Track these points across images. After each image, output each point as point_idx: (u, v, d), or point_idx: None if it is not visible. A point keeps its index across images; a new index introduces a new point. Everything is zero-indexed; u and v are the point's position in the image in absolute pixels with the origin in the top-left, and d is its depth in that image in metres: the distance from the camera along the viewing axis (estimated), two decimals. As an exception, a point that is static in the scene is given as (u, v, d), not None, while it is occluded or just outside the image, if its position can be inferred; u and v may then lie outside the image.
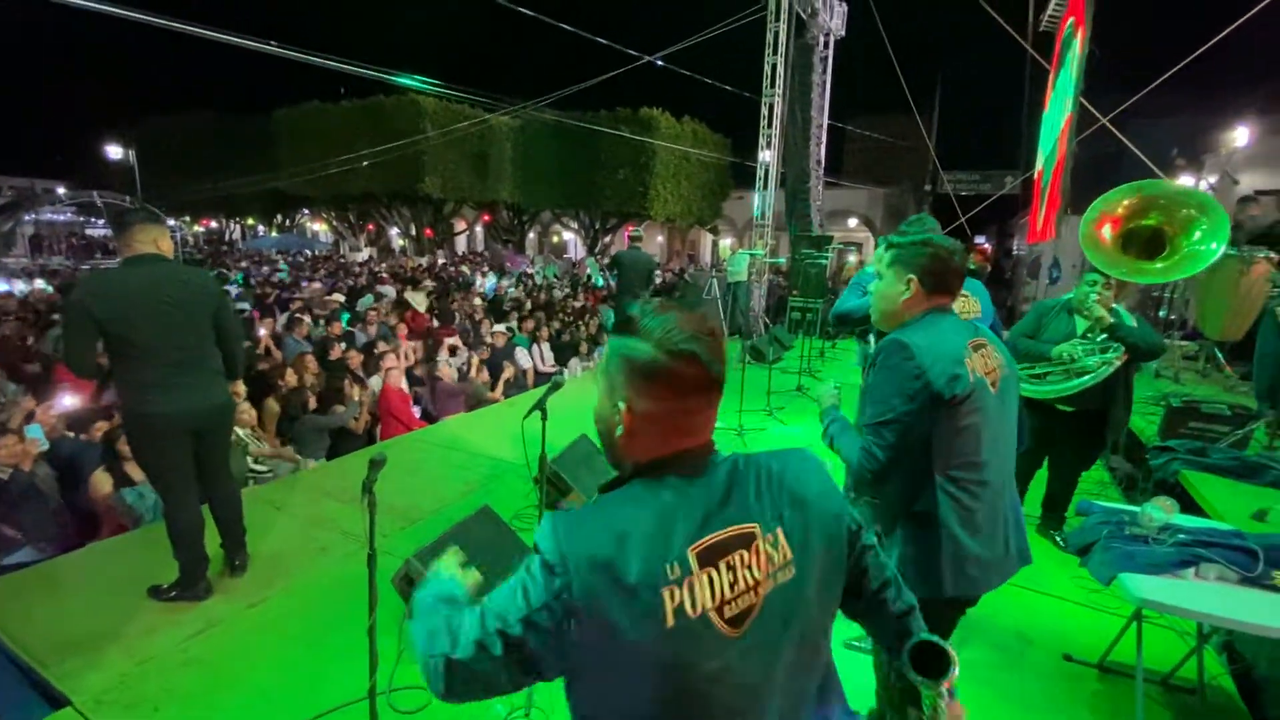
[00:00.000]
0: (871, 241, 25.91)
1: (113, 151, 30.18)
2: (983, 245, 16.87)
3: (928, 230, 3.10)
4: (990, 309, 3.32)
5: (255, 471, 4.34)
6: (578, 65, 13.35)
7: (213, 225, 39.42)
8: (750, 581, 0.90)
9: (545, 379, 7.57)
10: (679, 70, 12.64)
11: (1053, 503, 3.71)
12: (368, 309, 9.12)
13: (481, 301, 11.47)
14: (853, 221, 29.14)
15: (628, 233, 8.21)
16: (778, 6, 11.02)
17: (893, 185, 28.77)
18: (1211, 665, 2.64)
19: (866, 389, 1.77)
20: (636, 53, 12.12)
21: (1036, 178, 8.97)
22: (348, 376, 5.64)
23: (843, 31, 13.48)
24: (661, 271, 20.41)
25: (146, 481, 3.64)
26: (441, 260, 24.12)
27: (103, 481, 3.62)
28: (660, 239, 33.59)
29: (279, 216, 35.94)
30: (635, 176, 23.04)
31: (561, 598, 0.83)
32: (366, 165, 21.72)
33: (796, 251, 11.89)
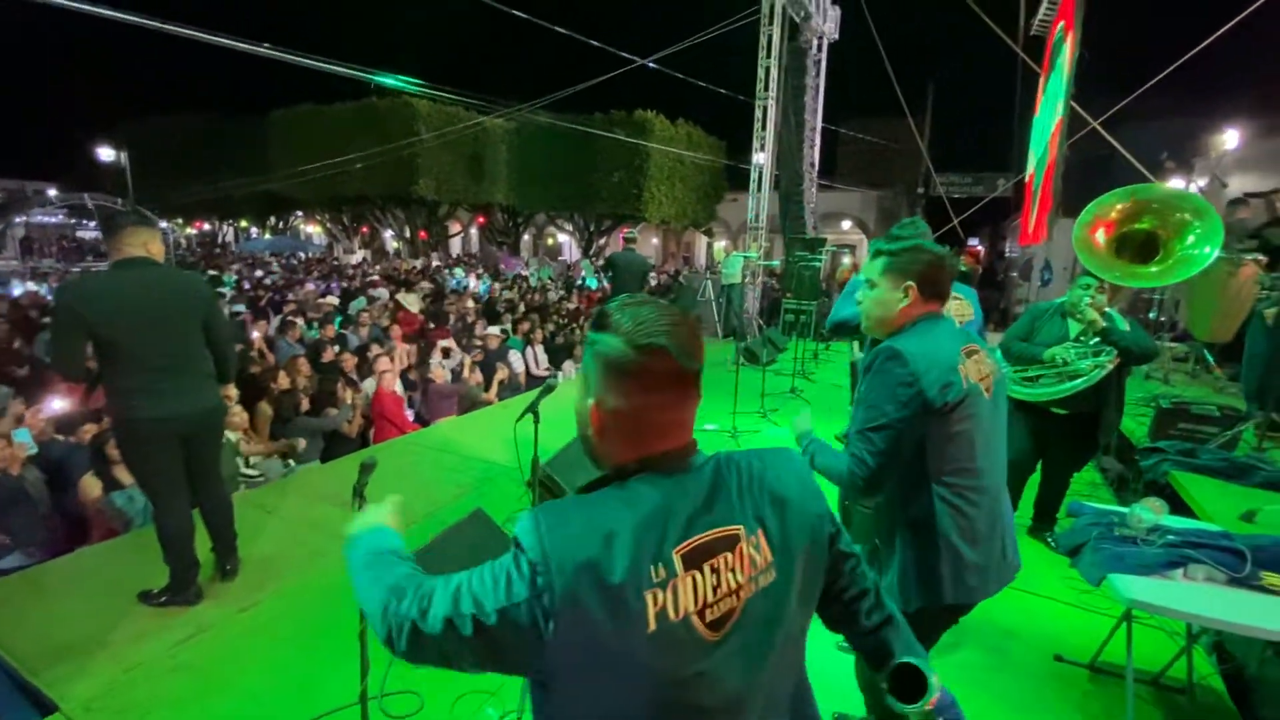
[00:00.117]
0: (865, 244, 26.02)
1: (104, 153, 29.97)
2: (974, 247, 16.96)
3: (920, 234, 3.12)
4: (979, 312, 3.34)
5: (246, 475, 4.32)
6: (572, 68, 13.38)
7: (206, 228, 39.23)
8: (732, 585, 0.88)
9: (539, 381, 7.56)
10: (673, 73, 12.69)
11: (1044, 504, 3.72)
12: (359, 311, 9.10)
13: (475, 304, 11.46)
14: (846, 224, 29.22)
15: (622, 235, 8.22)
16: (771, 10, 11.07)
17: (886, 188, 28.85)
18: (1201, 665, 2.66)
19: (858, 395, 1.75)
20: (631, 55, 12.16)
21: (1028, 180, 9.01)
22: (340, 379, 5.62)
23: (836, 35, 13.55)
24: (656, 274, 20.44)
25: (136, 484, 3.62)
26: (435, 263, 24.08)
27: (92, 485, 3.60)
28: (655, 241, 33.62)
29: (272, 219, 35.82)
30: (630, 179, 23.05)
31: (541, 598, 0.80)
32: (360, 167, 21.68)
33: (790, 254, 11.92)
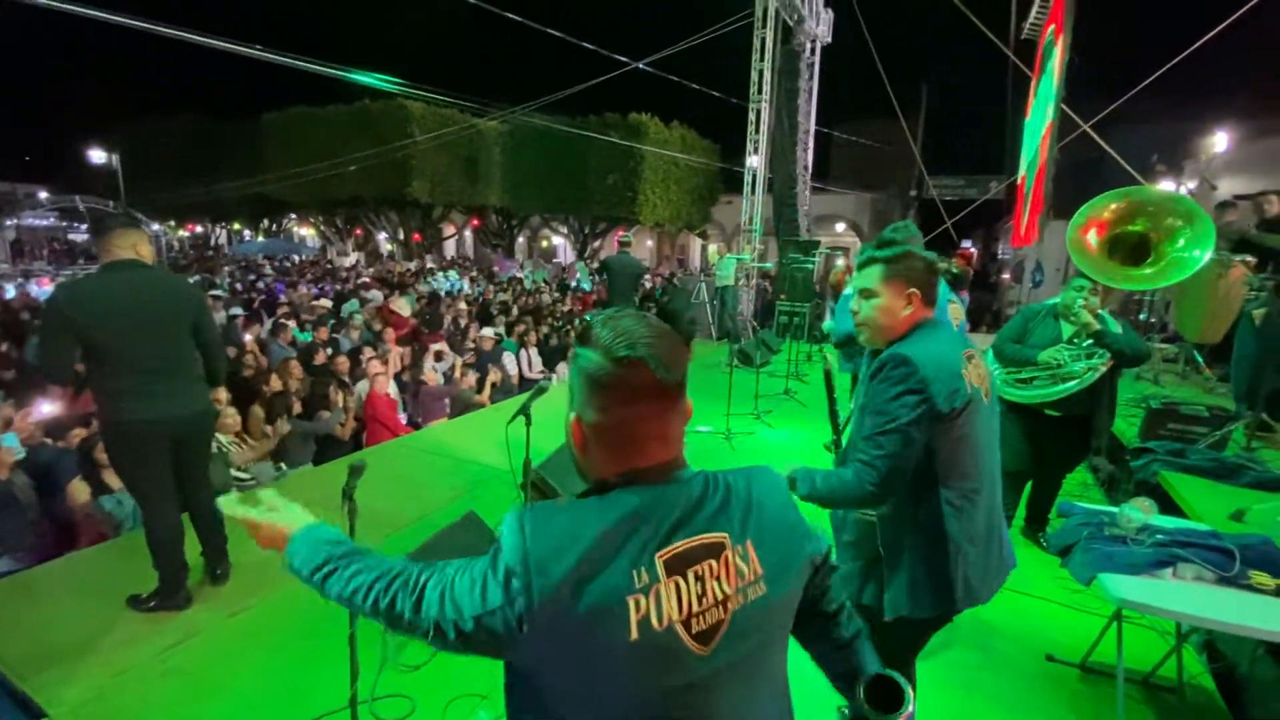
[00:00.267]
0: (858, 246, 26.06)
1: (96, 155, 29.84)
2: (967, 250, 17.05)
3: (911, 238, 3.13)
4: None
5: (238, 479, 4.30)
6: (566, 70, 13.40)
7: (198, 230, 39.05)
8: (719, 595, 0.85)
9: (533, 384, 7.56)
10: (667, 76, 12.71)
11: (1036, 505, 3.74)
12: (351, 314, 9.07)
13: (468, 306, 11.42)
14: (840, 226, 29.32)
15: (617, 238, 8.24)
16: (764, 13, 11.11)
17: (879, 190, 28.97)
18: (1191, 664, 2.67)
19: (864, 403, 1.71)
20: (625, 58, 12.19)
21: (1020, 183, 9.07)
22: (333, 382, 5.60)
23: (829, 38, 13.60)
24: (651, 276, 20.44)
25: (125, 489, 3.59)
26: (421, 266, 23.96)
27: (80, 490, 3.57)
28: (650, 244, 33.63)
29: (266, 221, 35.68)
30: (624, 181, 23.06)
31: (517, 603, 0.78)
32: (354, 169, 21.64)
33: (784, 256, 11.96)
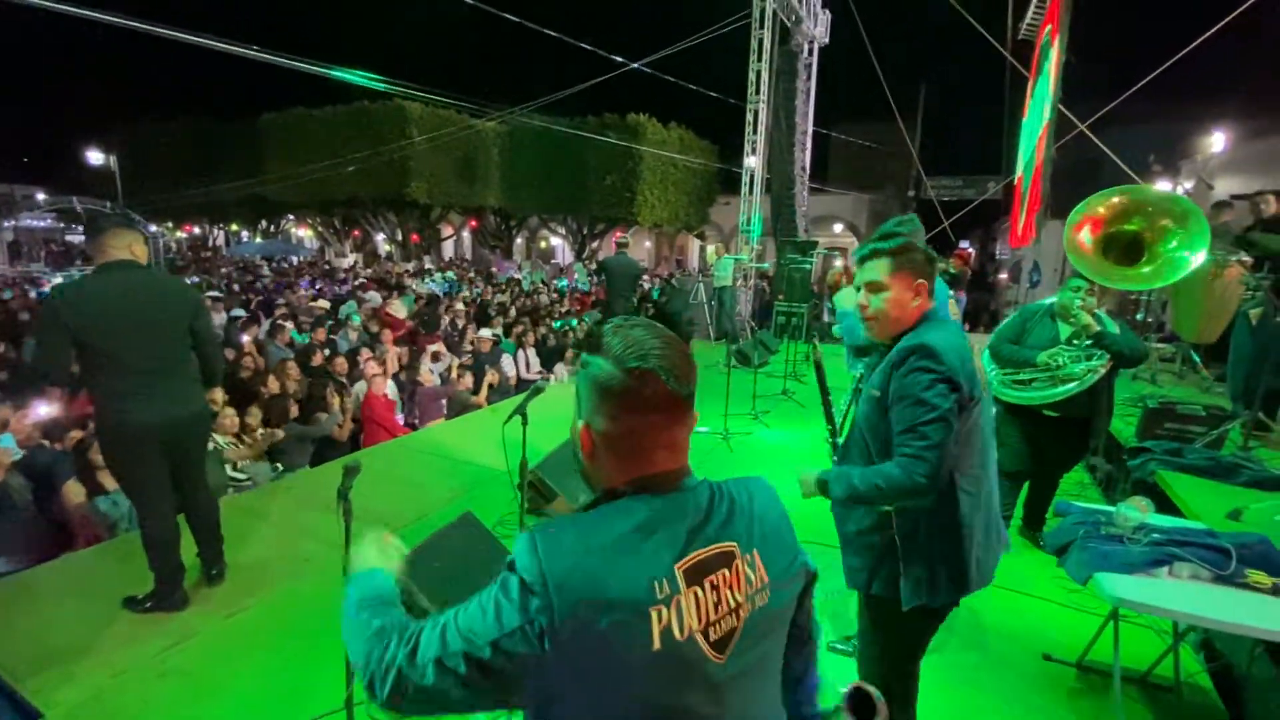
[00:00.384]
0: (856, 247, 26.05)
1: (94, 157, 29.80)
2: (965, 250, 17.07)
3: (915, 233, 3.14)
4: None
5: (235, 479, 4.29)
6: (564, 71, 13.41)
7: (196, 231, 38.99)
8: (732, 604, 0.85)
9: (530, 385, 7.56)
10: (665, 77, 12.72)
11: (1034, 505, 3.74)
12: (349, 315, 9.07)
13: (465, 307, 11.42)
14: (838, 227, 29.36)
15: (615, 239, 8.25)
16: (762, 14, 11.12)
17: (877, 191, 29.01)
18: (1188, 663, 2.68)
19: (891, 399, 1.68)
20: (622, 59, 12.19)
21: (1017, 183, 9.09)
22: (330, 384, 5.60)
23: (826, 39, 13.62)
24: (649, 277, 20.46)
25: (120, 489, 3.59)
26: (412, 267, 23.93)
27: (75, 491, 3.56)
28: (648, 244, 33.65)
29: (263, 222, 35.63)
30: (623, 182, 23.09)
31: (538, 621, 0.76)
32: (352, 170, 21.64)
33: (782, 256, 11.96)
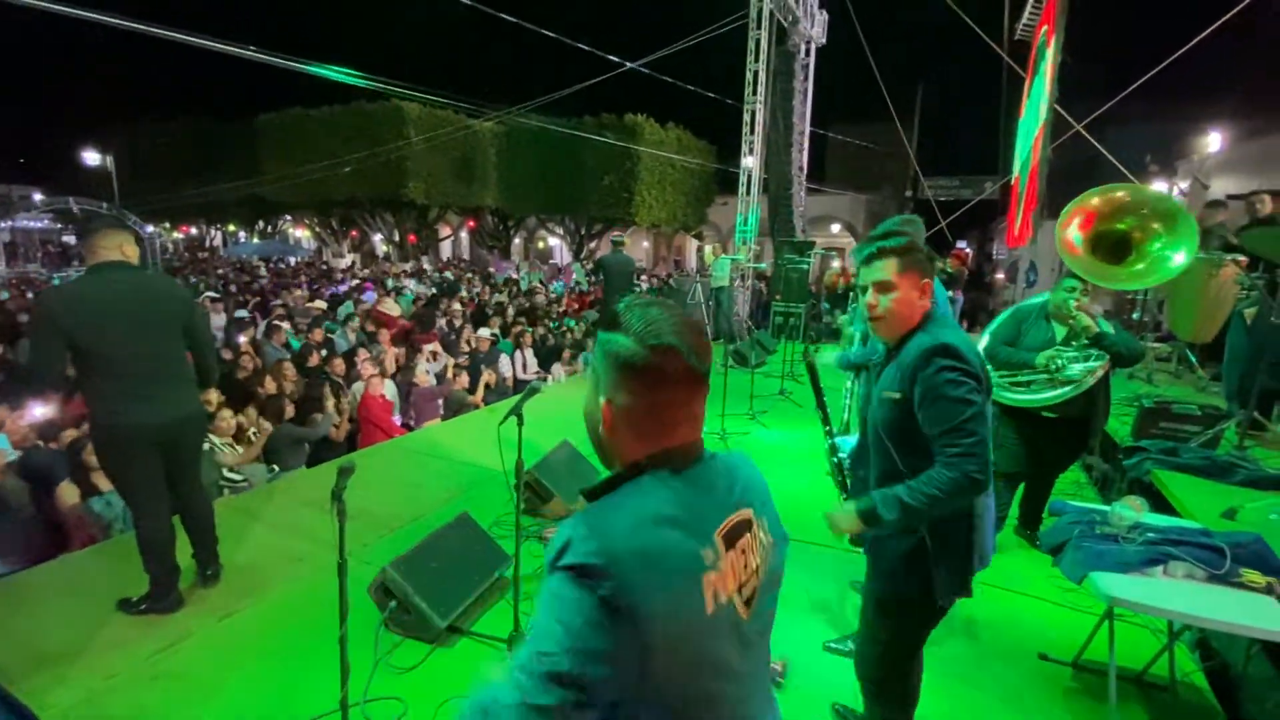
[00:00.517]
0: (853, 247, 26.06)
1: (90, 157, 29.72)
2: (962, 250, 17.10)
3: (918, 233, 3.15)
4: None
5: (230, 480, 4.28)
6: (561, 71, 13.41)
7: (193, 232, 38.91)
8: (754, 565, 0.91)
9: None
10: (662, 77, 12.72)
11: (1030, 504, 3.74)
12: (347, 316, 9.05)
13: (462, 307, 11.39)
14: (835, 227, 29.38)
15: (610, 237, 8.25)
16: (759, 14, 11.13)
17: (874, 191, 29.05)
18: (1184, 662, 2.68)
19: (920, 400, 1.68)
20: (620, 59, 12.19)
21: (1014, 183, 9.10)
22: (327, 384, 5.58)
23: (823, 39, 13.64)
24: (648, 277, 20.47)
25: (114, 489, 3.57)
26: (410, 268, 23.88)
27: (69, 492, 3.55)
28: (646, 245, 33.63)
29: (261, 223, 35.56)
30: (620, 182, 23.09)
31: (610, 603, 0.74)
32: (349, 171, 21.59)
33: (779, 256, 11.97)
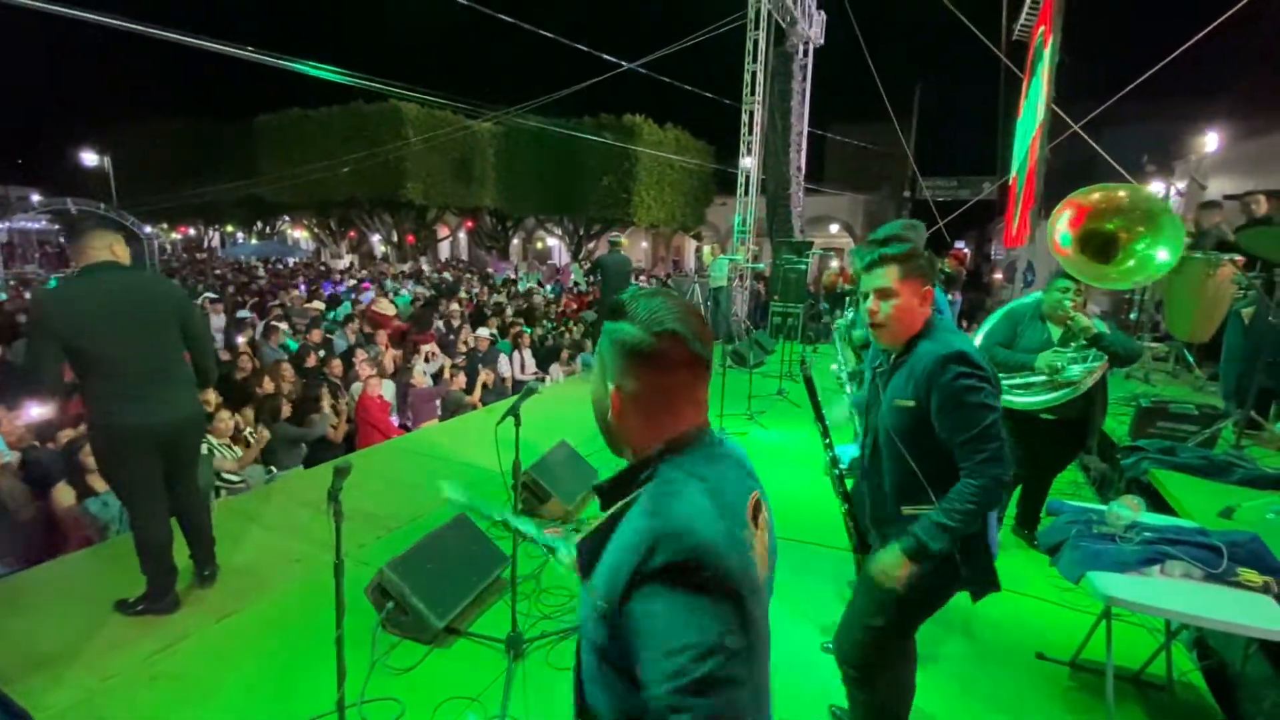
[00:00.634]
0: (851, 247, 26.13)
1: (88, 158, 29.68)
2: (960, 250, 17.12)
3: (921, 237, 3.15)
4: None
5: (228, 481, 4.27)
6: (560, 72, 13.41)
7: (191, 233, 38.87)
8: (767, 541, 0.95)
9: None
10: (661, 78, 12.73)
11: (1028, 505, 3.74)
12: (345, 317, 9.05)
13: (460, 307, 11.39)
14: (834, 227, 29.41)
15: (608, 238, 8.26)
16: (757, 15, 11.14)
17: (873, 191, 29.10)
18: (1181, 661, 2.68)
19: (939, 408, 1.70)
20: (618, 59, 12.19)
21: (1011, 183, 9.12)
22: (324, 385, 5.58)
23: (821, 40, 13.66)
24: (647, 278, 20.48)
25: (109, 490, 3.57)
26: (409, 268, 23.85)
27: (65, 494, 3.54)
28: (644, 245, 33.63)
29: (259, 223, 35.53)
30: (619, 183, 23.08)
31: (720, 587, 0.78)
32: (348, 171, 21.56)
33: (777, 257, 11.98)
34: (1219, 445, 4.08)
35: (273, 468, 4.81)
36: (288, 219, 35.02)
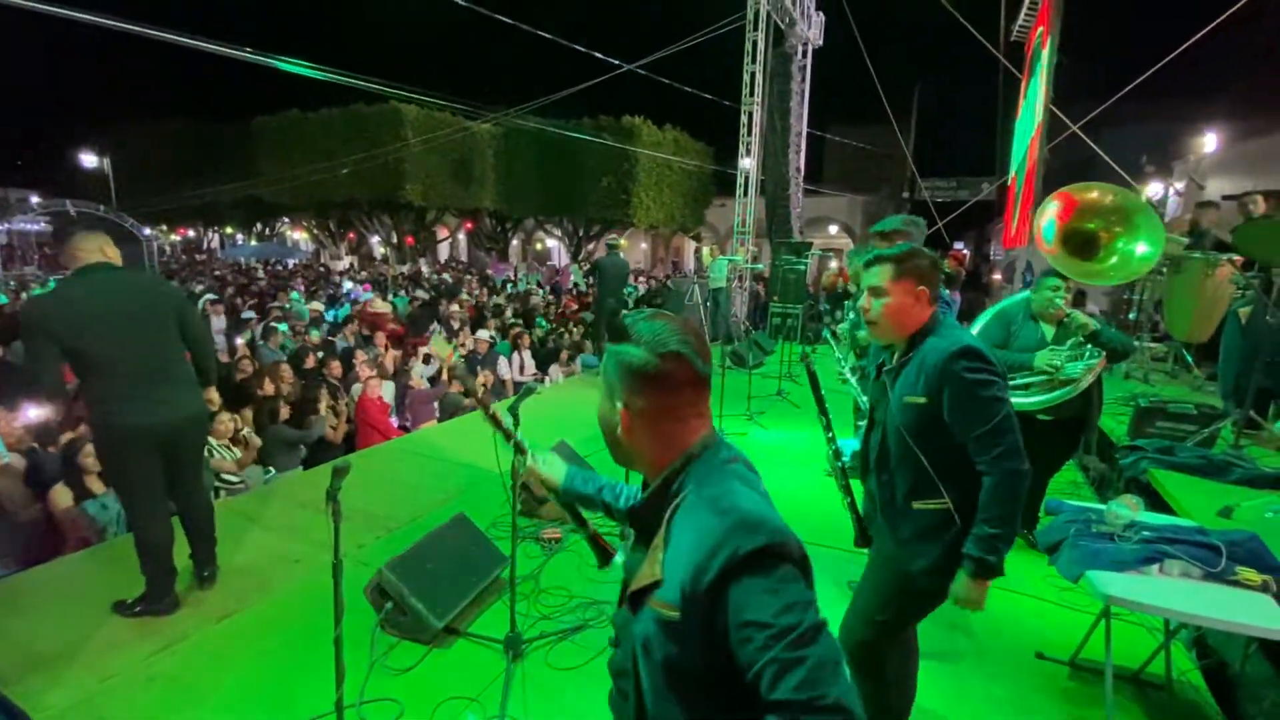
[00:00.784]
0: (850, 248, 26.12)
1: (88, 160, 29.69)
2: (959, 251, 17.14)
3: (920, 232, 3.15)
4: None
5: (227, 482, 4.27)
6: (559, 73, 13.41)
7: (190, 234, 38.87)
8: None
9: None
10: (660, 79, 12.73)
11: (1025, 504, 3.73)
12: (345, 318, 9.05)
13: (461, 308, 11.38)
14: (833, 228, 29.42)
15: (606, 240, 8.27)
16: (756, 16, 11.15)
17: (872, 192, 29.12)
18: (1181, 661, 2.68)
19: (952, 403, 1.71)
20: (617, 61, 12.20)
21: (1010, 184, 9.13)
22: (323, 386, 5.58)
23: (820, 41, 13.68)
24: (646, 279, 20.48)
25: (108, 492, 3.56)
26: (408, 270, 23.85)
27: (63, 495, 3.53)
28: (644, 246, 33.65)
29: (258, 225, 35.53)
30: (618, 184, 23.07)
31: (798, 558, 0.89)
32: (347, 173, 21.56)
33: (777, 258, 11.98)
34: (1218, 445, 4.07)
35: (271, 468, 4.81)
36: (287, 220, 35.04)
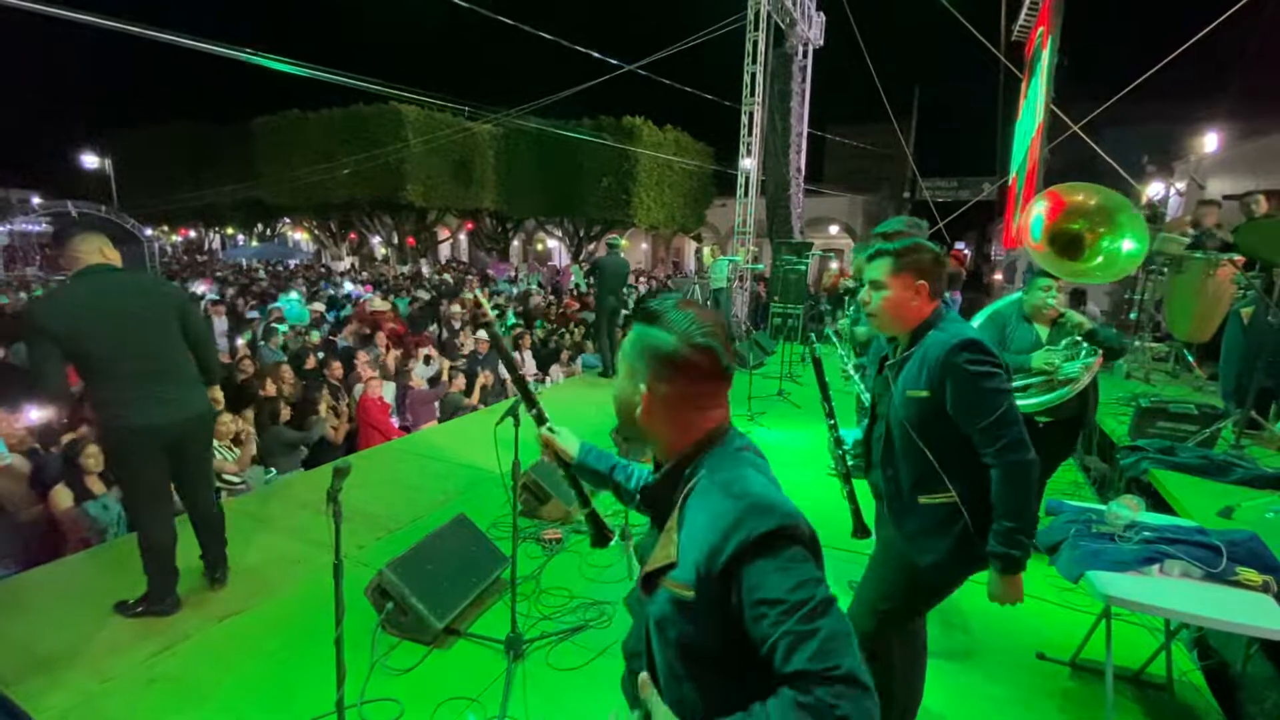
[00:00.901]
0: (851, 248, 26.09)
1: (89, 161, 29.73)
2: (960, 251, 17.13)
3: (921, 232, 3.16)
4: None
5: (228, 483, 4.28)
6: (559, 73, 13.42)
7: (191, 235, 38.91)
8: None
9: (527, 387, 7.52)
10: (660, 79, 12.73)
11: None
12: (346, 318, 9.05)
13: (461, 309, 11.38)
14: (833, 228, 29.41)
15: (606, 240, 8.27)
16: (757, 16, 11.15)
17: (872, 193, 29.12)
18: (1181, 661, 2.68)
19: (956, 395, 1.71)
20: (618, 61, 12.21)
21: (1011, 184, 9.13)
22: (324, 386, 5.58)
23: (821, 41, 13.67)
24: (647, 279, 20.48)
25: (109, 493, 3.57)
26: (408, 270, 23.87)
27: (63, 496, 3.54)
28: (644, 246, 33.64)
29: (259, 226, 35.55)
30: (619, 184, 23.06)
31: (809, 539, 0.93)
32: (348, 173, 21.58)
33: (777, 258, 11.98)
34: (1219, 445, 4.07)
35: (272, 469, 4.81)
36: (288, 221, 35.04)
